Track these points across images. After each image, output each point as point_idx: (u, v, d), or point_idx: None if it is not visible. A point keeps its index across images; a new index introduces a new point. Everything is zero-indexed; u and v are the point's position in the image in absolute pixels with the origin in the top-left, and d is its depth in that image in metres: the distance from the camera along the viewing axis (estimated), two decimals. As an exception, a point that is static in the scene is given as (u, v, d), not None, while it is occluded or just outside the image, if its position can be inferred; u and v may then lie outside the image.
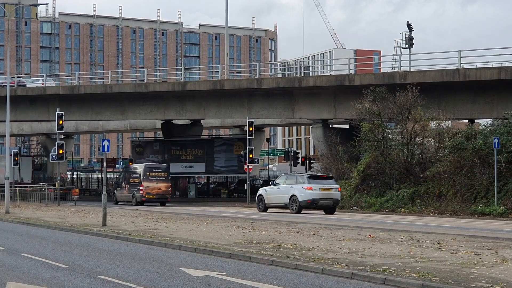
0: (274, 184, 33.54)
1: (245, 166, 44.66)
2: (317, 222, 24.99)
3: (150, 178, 43.15)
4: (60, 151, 40.02)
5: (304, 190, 30.98)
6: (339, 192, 32.35)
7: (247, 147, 43.46)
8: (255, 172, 61.34)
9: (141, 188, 42.84)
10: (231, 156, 54.39)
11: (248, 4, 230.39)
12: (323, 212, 31.88)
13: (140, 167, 44.54)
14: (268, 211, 32.69)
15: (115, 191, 47.19)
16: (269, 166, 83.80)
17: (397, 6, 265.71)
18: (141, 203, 42.68)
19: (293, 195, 31.24)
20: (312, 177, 32.77)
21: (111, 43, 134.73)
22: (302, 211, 31.35)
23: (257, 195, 33.84)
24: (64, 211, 34.41)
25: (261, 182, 58.23)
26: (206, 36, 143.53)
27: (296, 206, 31.02)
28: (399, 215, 31.45)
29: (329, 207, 31.81)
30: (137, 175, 44.02)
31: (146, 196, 42.73)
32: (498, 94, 37.03)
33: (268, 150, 75.89)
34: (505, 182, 30.88)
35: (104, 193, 24.80)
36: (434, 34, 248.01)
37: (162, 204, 42.84)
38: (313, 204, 31.18)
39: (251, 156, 43.65)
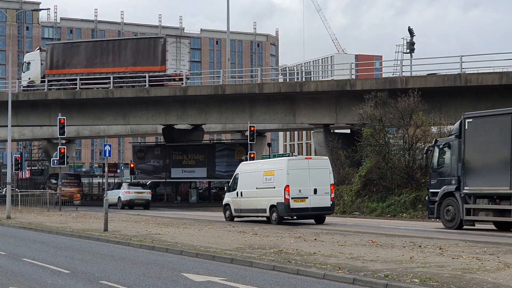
0: None
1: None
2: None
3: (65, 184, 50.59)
4: (62, 150, 40.07)
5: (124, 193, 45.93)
6: (150, 195, 47.76)
7: (249, 152, 43.43)
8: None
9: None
10: (233, 161, 54.33)
11: (249, 8, 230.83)
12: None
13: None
14: None
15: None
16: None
17: (399, 10, 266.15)
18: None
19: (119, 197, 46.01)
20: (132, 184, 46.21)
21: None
22: None
23: None
24: (66, 216, 34.41)
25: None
26: (208, 41, 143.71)
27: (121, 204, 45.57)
28: (401, 220, 31.41)
29: (143, 205, 46.13)
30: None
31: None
32: (499, 99, 37.00)
33: (269, 155, 75.87)
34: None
35: (106, 198, 24.80)
36: (435, 38, 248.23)
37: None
38: (130, 203, 45.64)
39: (252, 161, 43.62)
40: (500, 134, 22.54)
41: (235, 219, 29.57)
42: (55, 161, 41.16)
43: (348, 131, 45.43)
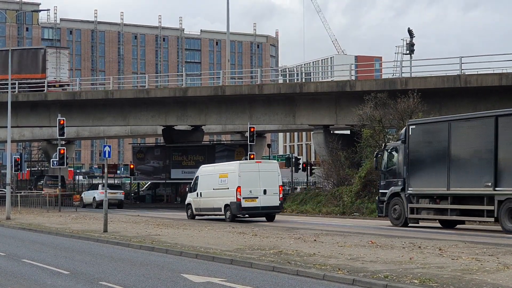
0: None
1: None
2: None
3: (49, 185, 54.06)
4: (62, 151, 40.11)
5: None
6: (123, 195, 50.60)
7: (248, 153, 43.43)
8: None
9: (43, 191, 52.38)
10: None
11: (249, 8, 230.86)
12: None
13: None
14: None
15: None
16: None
17: (399, 11, 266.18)
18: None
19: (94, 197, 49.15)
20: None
21: (112, 49, 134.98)
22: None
23: None
24: (65, 217, 34.42)
25: None
26: (207, 42, 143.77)
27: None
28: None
29: (116, 204, 47.76)
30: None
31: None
32: (499, 100, 37.01)
33: (269, 156, 75.86)
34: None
35: (106, 199, 24.80)
36: (435, 39, 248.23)
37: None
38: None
39: (252, 162, 43.58)
40: (439, 139, 24.82)
41: (196, 217, 32.15)
42: (55, 162, 41.17)
43: (348, 132, 45.44)
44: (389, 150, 27.90)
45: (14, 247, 19.58)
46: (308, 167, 58.22)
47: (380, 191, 28.17)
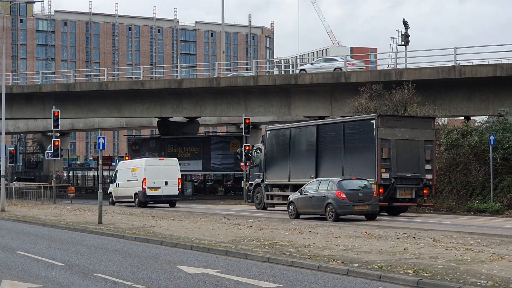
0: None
1: (242, 164, 44.66)
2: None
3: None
4: (56, 143, 40.02)
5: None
6: (36, 186, 46.99)
7: (244, 144, 43.43)
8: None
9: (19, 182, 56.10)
10: (228, 153, 54.34)
11: (244, 0, 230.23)
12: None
13: None
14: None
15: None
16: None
17: (395, 2, 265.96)
18: None
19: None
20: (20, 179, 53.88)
21: (107, 40, 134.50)
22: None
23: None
24: (60, 209, 34.37)
25: None
26: (203, 34, 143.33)
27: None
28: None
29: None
30: None
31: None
32: (494, 91, 37.08)
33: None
34: (501, 179, 30.92)
35: (100, 191, 24.76)
36: (432, 31, 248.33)
37: None
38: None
39: (247, 153, 43.59)
40: (284, 143, 32.43)
41: (116, 204, 38.65)
42: (50, 154, 41.07)
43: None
44: (255, 150, 34.87)
45: (8, 239, 19.54)
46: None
47: (249, 182, 35.25)
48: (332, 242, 16.16)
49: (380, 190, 26.60)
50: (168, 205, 37.87)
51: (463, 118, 42.27)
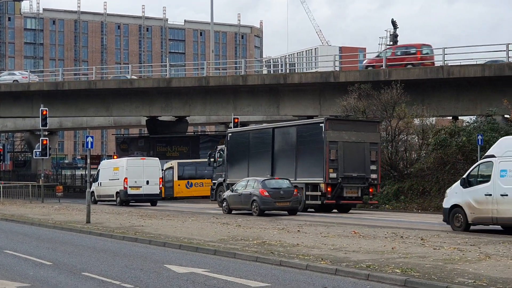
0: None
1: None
2: (301, 218, 25.08)
3: None
4: (44, 142, 39.89)
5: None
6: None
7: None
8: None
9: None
10: (217, 153, 54.23)
11: None
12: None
13: None
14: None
15: None
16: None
17: (384, 2, 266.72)
18: None
19: None
20: None
21: (95, 39, 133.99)
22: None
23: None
24: (48, 208, 34.23)
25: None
26: (192, 33, 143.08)
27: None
28: (383, 211, 31.63)
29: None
30: None
31: None
32: (481, 91, 37.25)
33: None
34: (488, 179, 31.01)
35: (88, 190, 24.71)
36: (421, 31, 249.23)
37: None
38: None
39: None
40: (243, 144, 33.75)
41: (98, 203, 38.72)
42: (38, 153, 40.92)
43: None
44: (218, 151, 36.32)
45: (-4, 238, 19.44)
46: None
47: (213, 181, 36.58)
48: (321, 242, 16.20)
49: (328, 189, 28.54)
50: (149, 204, 38.16)
51: (451, 118, 42.43)
